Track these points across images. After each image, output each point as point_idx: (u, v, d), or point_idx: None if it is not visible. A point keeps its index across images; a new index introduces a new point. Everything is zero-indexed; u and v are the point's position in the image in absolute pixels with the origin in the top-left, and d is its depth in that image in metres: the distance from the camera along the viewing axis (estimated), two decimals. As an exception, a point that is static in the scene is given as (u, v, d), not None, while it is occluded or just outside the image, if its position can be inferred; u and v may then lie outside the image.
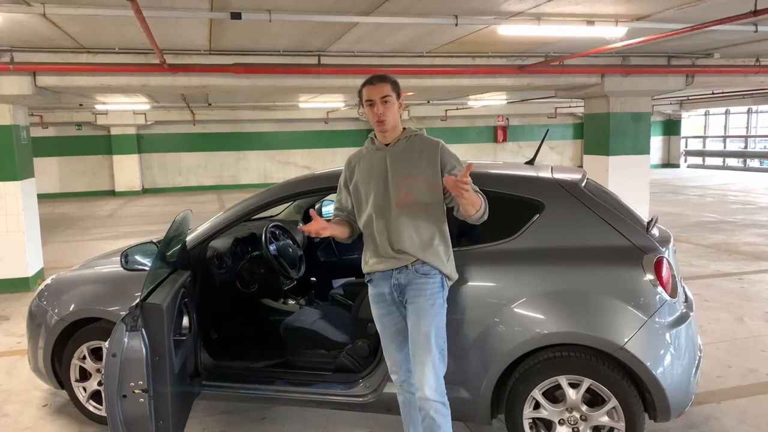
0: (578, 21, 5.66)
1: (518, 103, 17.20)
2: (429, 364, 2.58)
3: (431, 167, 2.69)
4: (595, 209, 2.98)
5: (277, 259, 4.10)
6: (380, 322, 2.82)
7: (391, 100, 2.70)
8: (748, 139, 22.07)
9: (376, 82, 2.71)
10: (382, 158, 2.76)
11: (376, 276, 2.78)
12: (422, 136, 2.81)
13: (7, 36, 5.91)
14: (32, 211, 7.10)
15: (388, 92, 2.69)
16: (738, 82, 10.04)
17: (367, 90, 2.72)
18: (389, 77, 2.76)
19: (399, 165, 2.71)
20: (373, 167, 2.77)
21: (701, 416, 3.50)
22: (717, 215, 11.26)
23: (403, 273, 2.70)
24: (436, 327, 2.63)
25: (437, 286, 2.69)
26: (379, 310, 2.81)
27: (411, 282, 2.68)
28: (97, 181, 18.57)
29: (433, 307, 2.64)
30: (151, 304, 2.74)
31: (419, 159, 2.71)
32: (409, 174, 2.69)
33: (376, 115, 2.70)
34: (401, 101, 2.79)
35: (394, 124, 2.76)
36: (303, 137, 20.27)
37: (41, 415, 3.75)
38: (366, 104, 2.73)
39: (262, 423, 3.59)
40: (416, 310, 2.65)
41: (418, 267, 2.68)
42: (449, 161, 2.71)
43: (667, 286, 2.82)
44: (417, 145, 2.75)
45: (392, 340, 2.78)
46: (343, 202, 2.90)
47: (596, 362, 2.76)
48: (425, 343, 2.59)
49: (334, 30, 6.08)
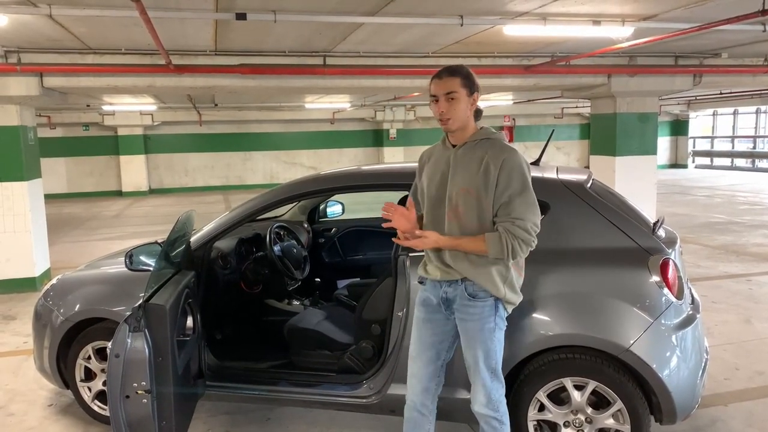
0: (584, 21, 5.63)
1: (524, 103, 17.15)
2: (479, 383, 2.51)
3: (485, 180, 2.39)
4: (600, 210, 2.96)
5: (281, 260, 4.09)
6: (419, 327, 2.63)
7: (458, 97, 2.40)
8: (756, 139, 21.93)
9: (444, 76, 2.43)
10: (446, 161, 2.52)
11: (428, 282, 2.62)
12: (493, 141, 2.47)
13: (14, 37, 5.94)
14: (39, 211, 7.13)
15: (455, 88, 2.40)
16: (746, 82, 9.98)
17: (433, 84, 2.45)
18: (462, 70, 2.45)
19: (457, 173, 2.47)
20: (436, 169, 2.55)
21: (708, 419, 3.47)
22: (725, 216, 11.18)
23: (452, 287, 2.51)
24: (485, 350, 2.48)
25: (488, 310, 2.48)
26: (421, 313, 2.63)
27: (458, 301, 2.51)
28: (104, 182, 18.66)
29: (482, 332, 2.48)
30: (155, 305, 2.74)
31: (477, 170, 2.42)
32: (464, 186, 2.43)
33: (438, 114, 2.44)
34: (476, 96, 2.46)
35: (462, 124, 2.46)
36: (309, 138, 20.29)
37: (46, 415, 3.76)
38: (431, 100, 2.47)
39: (266, 424, 3.59)
40: (465, 333, 2.52)
41: (467, 285, 2.48)
42: (504, 179, 2.37)
43: (673, 287, 2.80)
44: (480, 152, 2.44)
45: (423, 351, 2.61)
46: (417, 197, 2.70)
47: (601, 364, 2.74)
48: (475, 365, 2.51)
49: (340, 30, 6.08)
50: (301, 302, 4.32)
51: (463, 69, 2.46)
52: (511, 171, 2.39)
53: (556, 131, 5.05)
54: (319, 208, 5.21)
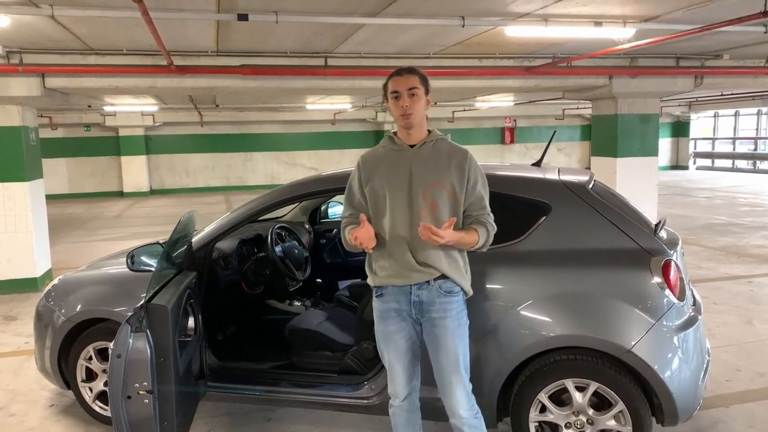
0: (586, 22, 5.63)
1: (525, 104, 17.14)
2: (460, 386, 2.50)
3: (459, 176, 2.49)
4: (602, 211, 2.96)
5: (282, 261, 4.09)
6: (389, 339, 2.59)
7: (419, 94, 2.48)
8: (757, 141, 21.91)
9: (404, 74, 2.50)
10: (404, 161, 2.52)
11: (390, 290, 2.55)
12: (449, 141, 2.59)
13: (15, 37, 5.95)
14: (41, 211, 7.14)
15: (416, 84, 2.47)
16: (747, 84, 9.98)
17: (393, 81, 2.51)
18: (418, 70, 2.53)
19: (425, 170, 2.49)
20: (394, 170, 2.52)
21: (709, 420, 3.46)
22: (726, 217, 11.17)
23: (424, 289, 2.50)
24: (463, 348, 2.53)
25: (461, 304, 2.55)
26: (388, 326, 2.58)
27: (434, 301, 2.50)
28: (106, 182, 18.66)
29: (459, 327, 2.53)
30: (156, 305, 2.74)
31: (447, 166, 2.49)
32: (436, 181, 2.47)
33: (402, 108, 2.47)
34: (429, 98, 2.55)
35: (420, 121, 2.52)
36: (310, 139, 20.29)
37: (48, 415, 3.76)
38: (391, 96, 2.50)
39: (267, 424, 3.59)
40: (443, 333, 2.50)
41: (441, 283, 2.50)
42: (473, 174, 2.52)
43: (675, 289, 2.79)
44: (445, 151, 2.53)
45: (400, 359, 2.59)
46: (357, 206, 2.61)
47: (603, 365, 2.74)
48: (455, 366, 2.49)
49: (341, 31, 6.08)
50: (302, 303, 4.33)
51: (420, 70, 2.55)
52: (476, 168, 2.55)
53: (557, 133, 5.06)
54: (320, 208, 5.21)
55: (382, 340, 2.62)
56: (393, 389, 2.66)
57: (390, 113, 2.57)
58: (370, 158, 2.62)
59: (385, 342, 2.61)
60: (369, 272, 2.62)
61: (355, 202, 2.62)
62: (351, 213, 2.63)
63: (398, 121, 2.53)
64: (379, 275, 2.56)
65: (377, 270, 2.56)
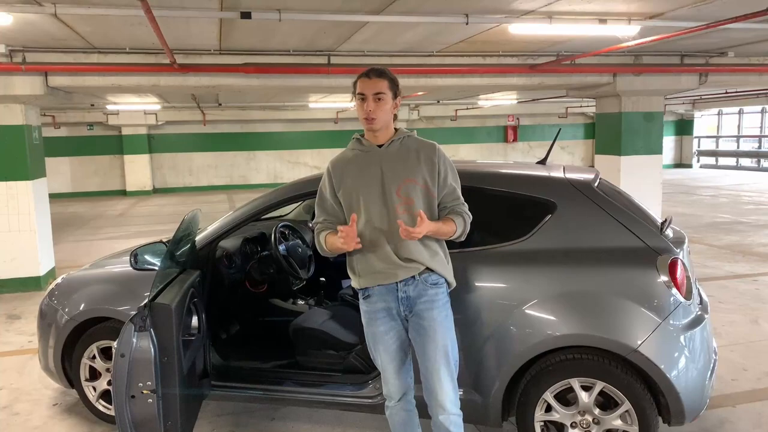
0: (590, 19, 5.60)
1: (529, 102, 17.11)
2: (448, 379, 2.49)
3: (429, 170, 2.52)
4: (608, 209, 2.94)
5: (286, 259, 4.08)
6: (379, 340, 2.57)
7: (385, 99, 2.48)
8: (762, 138, 21.82)
9: (373, 77, 2.49)
10: (374, 161, 2.53)
11: (377, 291, 2.54)
12: (416, 137, 2.61)
13: (18, 36, 5.94)
14: (44, 210, 7.14)
15: (383, 89, 2.47)
16: (752, 81, 9.95)
17: (361, 83, 2.51)
18: (388, 73, 2.52)
19: (396, 168, 2.51)
20: (365, 171, 2.53)
21: (716, 420, 3.44)
22: (730, 216, 11.13)
23: (411, 285, 2.51)
24: (451, 339, 2.53)
25: (446, 296, 2.58)
26: (378, 327, 2.57)
27: (421, 294, 2.51)
28: (109, 181, 18.69)
29: (446, 319, 2.54)
30: (160, 305, 2.73)
31: (417, 161, 2.52)
32: (408, 177, 2.49)
33: (365, 112, 2.48)
34: (398, 101, 2.55)
35: (385, 124, 2.53)
36: (313, 137, 20.28)
37: (51, 414, 3.76)
38: (357, 98, 2.51)
39: (271, 423, 3.58)
40: (431, 324, 2.49)
41: (426, 277, 2.51)
42: (443, 167, 2.55)
43: (681, 287, 2.77)
44: (413, 147, 2.56)
45: (392, 359, 2.58)
46: (331, 211, 2.62)
47: (609, 365, 2.72)
48: (443, 357, 2.48)
49: (344, 29, 6.06)
50: (306, 302, 4.32)
51: (390, 73, 2.53)
52: (446, 160, 2.57)
53: (561, 131, 5.05)
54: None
55: (372, 342, 2.61)
56: (387, 390, 2.64)
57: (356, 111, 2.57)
58: (339, 162, 2.62)
59: (375, 344, 2.59)
60: (352, 275, 2.60)
61: (327, 206, 2.63)
62: (324, 218, 2.63)
63: (362, 123, 2.53)
64: (363, 277, 2.55)
65: (360, 272, 2.55)
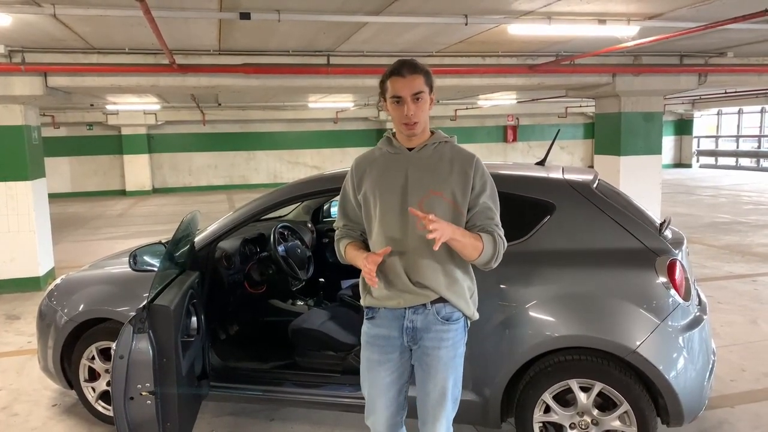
0: (590, 20, 5.61)
1: (528, 102, 17.12)
2: (443, 421, 2.22)
3: (461, 184, 2.16)
4: (606, 210, 2.94)
5: (285, 260, 4.08)
6: (371, 369, 2.27)
7: (424, 97, 2.12)
8: (761, 138, 21.83)
9: (407, 74, 2.10)
10: (401, 165, 2.20)
11: (382, 314, 2.25)
12: (453, 144, 2.25)
13: (18, 37, 5.94)
14: (43, 210, 7.14)
15: (421, 87, 2.11)
16: (751, 81, 9.95)
17: (393, 83, 2.12)
18: (421, 66, 2.14)
19: (422, 176, 2.17)
20: (387, 174, 2.21)
21: (715, 421, 3.45)
22: (730, 216, 11.14)
23: (420, 314, 2.19)
24: (454, 378, 2.23)
25: (460, 333, 2.25)
26: (374, 354, 2.26)
27: (429, 328, 2.19)
28: (108, 181, 18.69)
29: (454, 358, 2.22)
30: (159, 306, 2.73)
31: (449, 172, 2.17)
32: (434, 189, 2.15)
33: (406, 117, 2.11)
34: (434, 96, 2.19)
35: (425, 126, 2.20)
36: (312, 137, 20.29)
37: (50, 415, 3.76)
38: (392, 101, 2.14)
39: (270, 424, 3.58)
40: (434, 363, 2.20)
41: (439, 308, 2.19)
42: (479, 183, 2.18)
43: (680, 288, 2.78)
44: (447, 155, 2.20)
45: (383, 393, 2.26)
46: (353, 216, 2.34)
47: (608, 366, 2.73)
48: (441, 397, 2.20)
49: (344, 30, 6.06)
50: (305, 302, 4.32)
51: (423, 65, 2.16)
52: (483, 174, 2.21)
53: (560, 131, 5.05)
54: (323, 208, 5.20)
55: (365, 368, 2.31)
56: (372, 424, 2.32)
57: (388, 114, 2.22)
58: (362, 162, 2.32)
59: (367, 371, 2.30)
60: (363, 292, 2.31)
61: (349, 210, 2.35)
62: (345, 224, 2.37)
63: (400, 128, 2.19)
64: (371, 295, 2.26)
65: (369, 289, 2.26)
